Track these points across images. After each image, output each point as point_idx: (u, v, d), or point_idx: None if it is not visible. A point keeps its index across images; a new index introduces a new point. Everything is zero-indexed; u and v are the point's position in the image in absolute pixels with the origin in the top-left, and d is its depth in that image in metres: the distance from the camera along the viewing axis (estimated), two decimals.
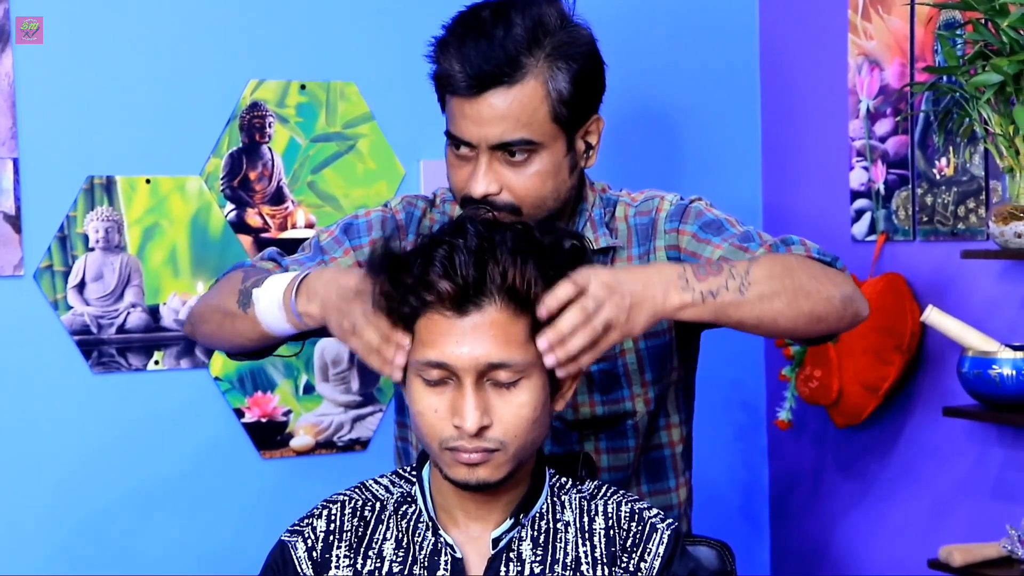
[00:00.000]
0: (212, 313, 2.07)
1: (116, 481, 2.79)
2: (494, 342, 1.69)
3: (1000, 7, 2.43)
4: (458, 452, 1.71)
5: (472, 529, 1.79)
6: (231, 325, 2.01)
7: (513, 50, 2.03)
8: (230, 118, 2.85)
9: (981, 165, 2.70)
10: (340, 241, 2.18)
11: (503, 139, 2.06)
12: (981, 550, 2.57)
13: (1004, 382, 2.54)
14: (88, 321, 2.75)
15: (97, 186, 2.76)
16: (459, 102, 2.07)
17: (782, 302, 1.91)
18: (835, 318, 1.98)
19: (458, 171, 2.12)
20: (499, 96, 2.04)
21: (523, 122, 2.05)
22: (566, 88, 2.07)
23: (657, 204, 2.21)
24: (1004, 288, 2.69)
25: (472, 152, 2.08)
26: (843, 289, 1.99)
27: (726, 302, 1.87)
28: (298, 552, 1.80)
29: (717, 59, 3.25)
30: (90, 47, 2.74)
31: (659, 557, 1.78)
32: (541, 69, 2.05)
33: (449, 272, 1.69)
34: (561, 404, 1.80)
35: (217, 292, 2.09)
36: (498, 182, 2.07)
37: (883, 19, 2.91)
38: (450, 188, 2.17)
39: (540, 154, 2.08)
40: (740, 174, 3.29)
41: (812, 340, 2.09)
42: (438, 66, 2.10)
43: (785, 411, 3.01)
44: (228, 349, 2.12)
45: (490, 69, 2.03)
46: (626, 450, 2.22)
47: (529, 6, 2.07)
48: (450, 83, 2.07)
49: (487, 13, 2.07)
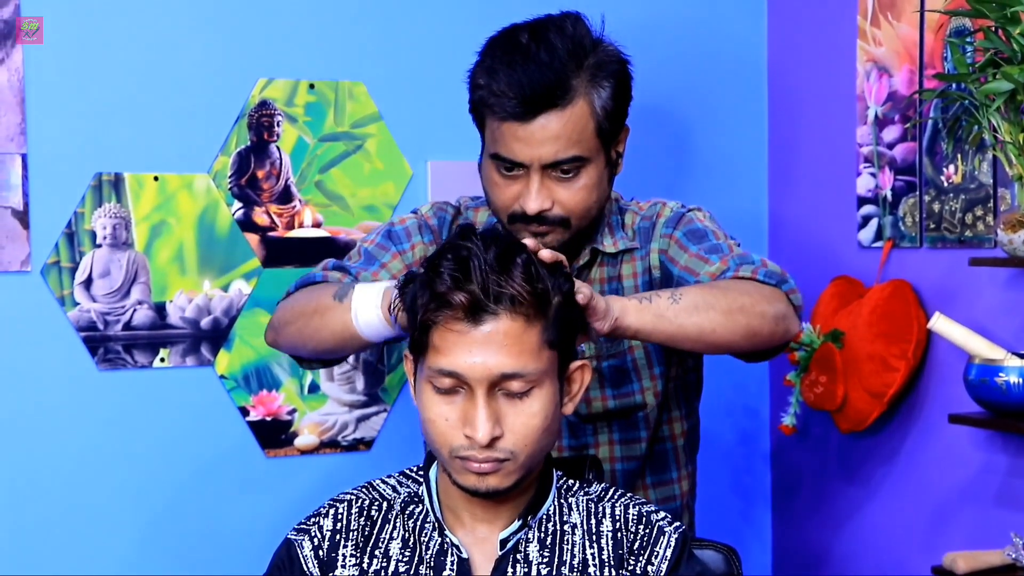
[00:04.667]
0: (298, 315, 2.16)
1: (121, 478, 2.79)
2: (507, 352, 1.69)
3: (1012, 15, 2.43)
4: (468, 461, 1.71)
5: (479, 530, 1.79)
6: (320, 320, 2.10)
7: (562, 72, 2.14)
8: (238, 116, 2.85)
9: (989, 173, 2.70)
10: (386, 247, 2.28)
11: (556, 158, 2.16)
12: (985, 557, 2.57)
13: (1010, 390, 2.54)
14: (94, 318, 2.75)
15: (105, 183, 2.76)
16: (510, 126, 2.15)
17: (718, 313, 2.04)
18: (768, 333, 2.11)
19: (504, 190, 2.20)
20: (552, 118, 2.15)
21: (574, 140, 2.16)
22: (609, 104, 2.19)
23: (659, 210, 2.34)
24: (1011, 296, 2.69)
25: (521, 171, 2.17)
26: (776, 307, 2.12)
27: (662, 307, 2.01)
28: (304, 551, 1.80)
29: (725, 64, 3.25)
30: (99, 44, 2.74)
31: (666, 560, 1.79)
32: (587, 88, 2.17)
33: (463, 284, 1.69)
34: (570, 408, 1.80)
35: (304, 296, 2.19)
36: (550, 198, 2.18)
37: (892, 25, 2.91)
38: (491, 205, 2.25)
39: (587, 168, 2.20)
40: (747, 179, 3.29)
41: (750, 357, 2.21)
42: (482, 91, 2.19)
43: (789, 416, 3.01)
44: (311, 349, 2.18)
45: (543, 93, 2.13)
46: (638, 441, 2.33)
47: (563, 27, 2.19)
48: (500, 108, 2.15)
49: (525, 37, 2.18)
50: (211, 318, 2.84)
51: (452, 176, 2.96)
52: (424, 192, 2.95)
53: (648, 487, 2.39)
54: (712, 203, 3.23)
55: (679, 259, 2.25)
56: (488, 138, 2.21)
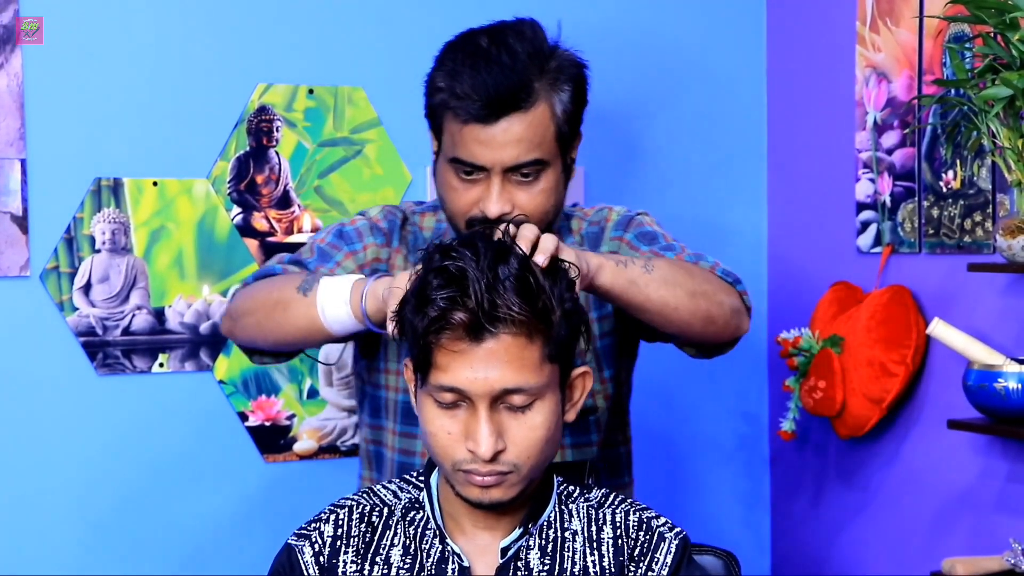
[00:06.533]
0: (258, 306, 2.12)
1: (119, 482, 2.79)
2: (509, 367, 1.68)
3: (1011, 21, 2.43)
4: (471, 475, 1.71)
5: (480, 538, 1.79)
6: (283, 313, 2.06)
7: (524, 75, 2.14)
8: (238, 122, 2.85)
9: (988, 178, 2.70)
10: (338, 246, 2.24)
11: (518, 161, 2.15)
12: (984, 563, 2.56)
13: (1009, 395, 2.54)
14: (93, 323, 2.75)
15: (104, 188, 2.76)
16: (472, 128, 2.14)
17: (683, 292, 2.06)
18: (723, 323, 2.14)
19: (463, 195, 2.19)
20: (515, 121, 2.14)
21: (535, 143, 2.16)
22: (568, 108, 2.19)
23: (606, 215, 2.33)
24: (1010, 301, 2.69)
25: (481, 175, 2.16)
26: (732, 301, 2.15)
27: (635, 274, 2.01)
28: (305, 556, 1.79)
29: (725, 70, 3.25)
30: (98, 50, 2.74)
31: (666, 566, 1.78)
32: (548, 92, 2.17)
33: (462, 303, 1.67)
34: (572, 415, 1.80)
35: (265, 287, 2.14)
36: (510, 202, 2.16)
37: (891, 31, 2.91)
38: (447, 210, 2.23)
39: (546, 172, 2.18)
40: (746, 184, 3.29)
41: (699, 348, 2.22)
42: (443, 94, 2.18)
43: (788, 422, 3.00)
44: (271, 342, 2.14)
45: (506, 95, 2.12)
46: (589, 445, 2.31)
47: (521, 32, 2.18)
48: (463, 110, 2.14)
49: (485, 41, 2.17)
50: (210, 323, 2.84)
51: None
52: (423, 197, 2.95)
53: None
54: (712, 209, 3.26)
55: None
56: (447, 142, 2.19)
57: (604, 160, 3.15)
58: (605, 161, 3.15)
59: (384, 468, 2.31)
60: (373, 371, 2.30)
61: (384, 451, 2.31)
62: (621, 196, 3.16)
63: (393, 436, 2.29)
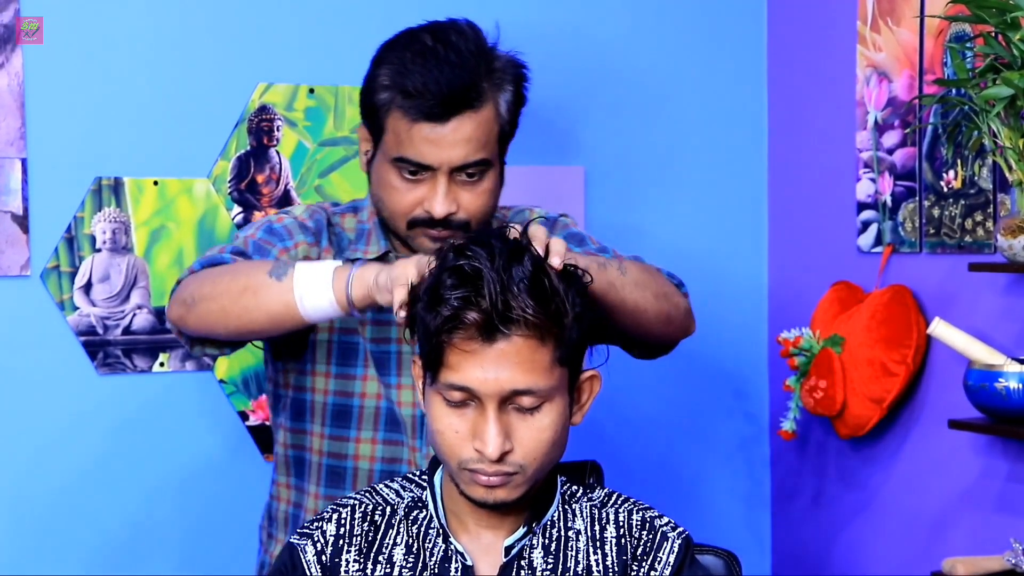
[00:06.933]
0: (222, 292, 2.05)
1: (120, 482, 2.79)
2: (519, 369, 1.68)
3: (1012, 20, 2.43)
4: (477, 474, 1.71)
5: (483, 537, 1.79)
6: (253, 299, 2.01)
7: (474, 74, 2.14)
8: (238, 121, 2.85)
9: (989, 178, 2.70)
10: (271, 242, 2.19)
11: (466, 161, 2.15)
12: (984, 563, 2.56)
13: (1010, 395, 2.54)
14: (94, 322, 2.75)
15: (105, 187, 2.76)
16: (422, 127, 2.13)
17: (651, 294, 2.09)
18: (678, 324, 2.19)
19: (406, 195, 2.17)
20: (465, 120, 2.13)
21: (482, 143, 2.15)
22: (510, 108, 2.19)
23: (527, 216, 2.32)
24: (1011, 301, 2.69)
25: (426, 175, 2.15)
26: (685, 303, 2.21)
27: (613, 276, 2.03)
28: (307, 555, 1.79)
29: (725, 68, 3.25)
30: (98, 49, 2.74)
31: (669, 565, 1.79)
32: (494, 92, 2.17)
33: (478, 302, 1.67)
34: (579, 418, 1.80)
35: (227, 273, 2.07)
36: (456, 202, 2.16)
37: (892, 31, 2.91)
38: (386, 210, 2.20)
39: (489, 172, 2.18)
40: (747, 184, 3.29)
41: (645, 350, 2.24)
42: (389, 92, 2.15)
43: (789, 421, 3.00)
44: (234, 328, 2.07)
45: (459, 93, 2.12)
46: None
47: (463, 31, 2.17)
48: (415, 109, 2.12)
49: (429, 39, 2.16)
50: None
51: None
52: None
53: None
54: (712, 208, 3.26)
55: None
56: (390, 141, 2.16)
57: (604, 160, 3.14)
58: (605, 161, 3.15)
59: (306, 473, 2.27)
60: (296, 373, 2.27)
61: (307, 455, 2.28)
62: (621, 195, 3.17)
63: (320, 440, 2.26)
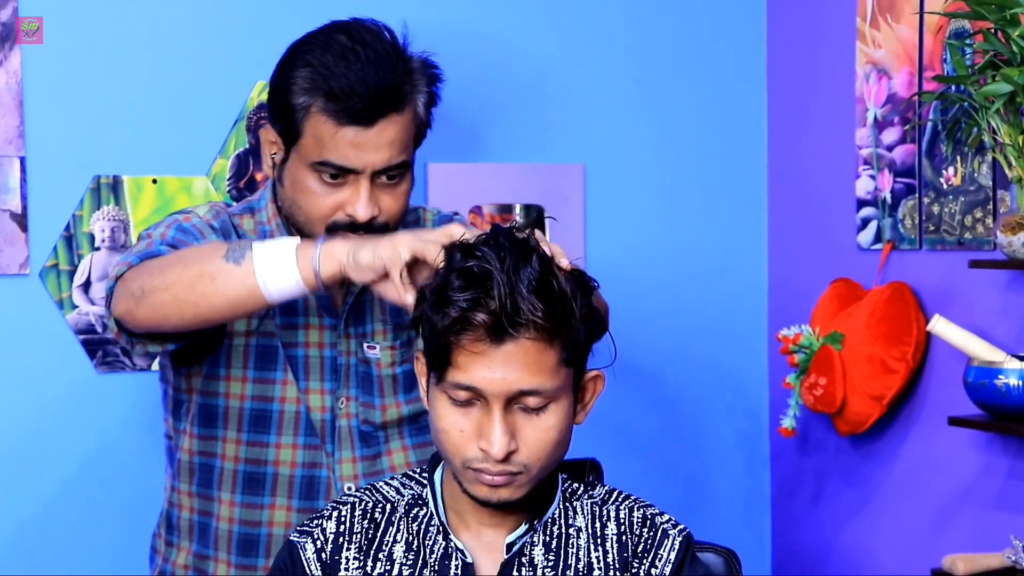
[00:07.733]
0: (173, 281, 1.99)
1: (120, 480, 2.78)
2: (526, 370, 1.68)
3: (1011, 17, 2.43)
4: (481, 473, 1.71)
5: (484, 534, 1.79)
6: (210, 285, 1.96)
7: (398, 76, 2.12)
8: (237, 119, 2.85)
9: (989, 175, 2.70)
10: (185, 240, 2.14)
11: (389, 164, 2.13)
12: (984, 560, 2.56)
13: (1010, 392, 2.54)
14: (93, 320, 2.75)
15: (103, 185, 2.75)
16: (346, 131, 2.10)
17: None
18: None
19: (325, 199, 2.14)
20: (390, 123, 2.12)
21: (404, 145, 2.15)
22: (426, 111, 2.18)
23: (421, 214, 2.34)
24: (1011, 298, 2.69)
25: (347, 178, 2.12)
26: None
27: None
28: (307, 553, 1.79)
29: (724, 66, 3.25)
30: (97, 47, 2.74)
31: (670, 563, 1.79)
32: (412, 94, 2.15)
33: (486, 303, 1.67)
34: (582, 417, 1.80)
35: (176, 261, 2.03)
36: (377, 205, 2.14)
37: (892, 28, 2.91)
38: (303, 214, 2.16)
39: (407, 174, 2.18)
40: (746, 181, 3.28)
41: None
42: (310, 95, 2.12)
43: (789, 419, 3.00)
44: (190, 317, 2.01)
45: (386, 96, 2.10)
46: (429, 444, 2.29)
47: (377, 32, 2.15)
48: (340, 112, 2.09)
49: (345, 39, 2.13)
50: None
51: (450, 178, 2.96)
52: (423, 194, 2.94)
53: None
54: (712, 205, 3.26)
55: None
56: (309, 145, 2.12)
57: (604, 156, 3.14)
58: (605, 157, 3.14)
59: (216, 480, 2.24)
60: (203, 378, 2.23)
61: (217, 462, 2.24)
62: (621, 192, 3.17)
63: (236, 446, 2.23)
